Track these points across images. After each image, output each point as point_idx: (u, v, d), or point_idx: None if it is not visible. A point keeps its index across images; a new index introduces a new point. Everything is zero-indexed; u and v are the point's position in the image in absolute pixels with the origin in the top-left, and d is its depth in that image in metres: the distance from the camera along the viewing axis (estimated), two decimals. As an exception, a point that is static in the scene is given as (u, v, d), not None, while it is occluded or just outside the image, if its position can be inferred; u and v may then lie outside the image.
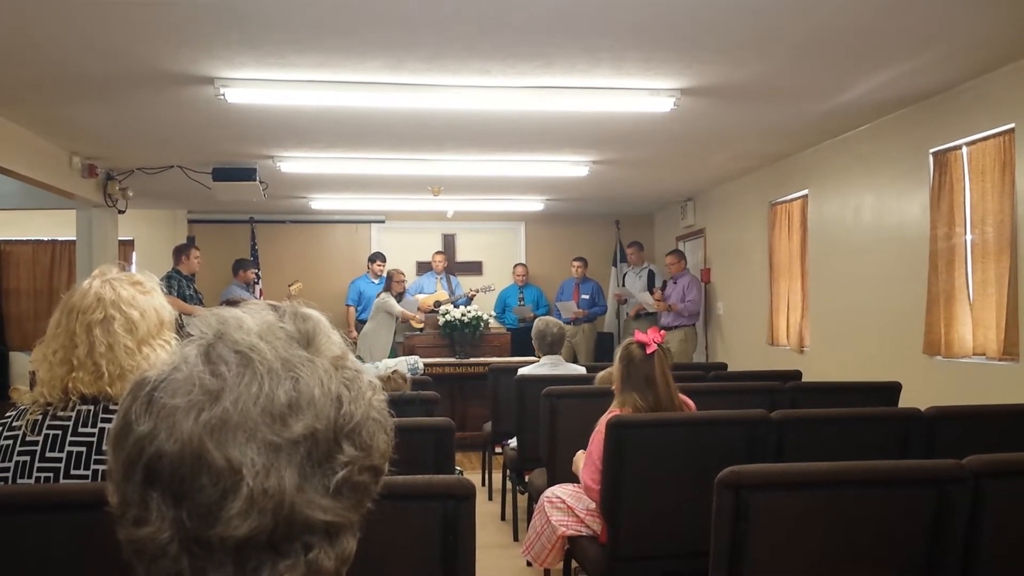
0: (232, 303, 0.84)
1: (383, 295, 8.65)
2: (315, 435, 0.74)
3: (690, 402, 3.41)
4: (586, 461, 3.27)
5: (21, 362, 9.47)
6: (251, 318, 0.79)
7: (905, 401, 4.20)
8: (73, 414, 1.83)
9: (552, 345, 5.35)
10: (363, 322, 9.35)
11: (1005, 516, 2.18)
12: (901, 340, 5.75)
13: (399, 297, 8.82)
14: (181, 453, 0.71)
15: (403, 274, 9.02)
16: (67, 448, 1.81)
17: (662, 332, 3.42)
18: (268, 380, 0.74)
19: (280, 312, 0.81)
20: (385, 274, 9.82)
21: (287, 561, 0.73)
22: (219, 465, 0.70)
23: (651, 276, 10.17)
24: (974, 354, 5.13)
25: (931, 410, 3.30)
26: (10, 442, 1.83)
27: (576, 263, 10.29)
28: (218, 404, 0.72)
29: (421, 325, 9.27)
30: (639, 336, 3.32)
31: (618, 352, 3.37)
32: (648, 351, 3.26)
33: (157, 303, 1.95)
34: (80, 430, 1.83)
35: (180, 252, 7.94)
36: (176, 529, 0.71)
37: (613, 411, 3.23)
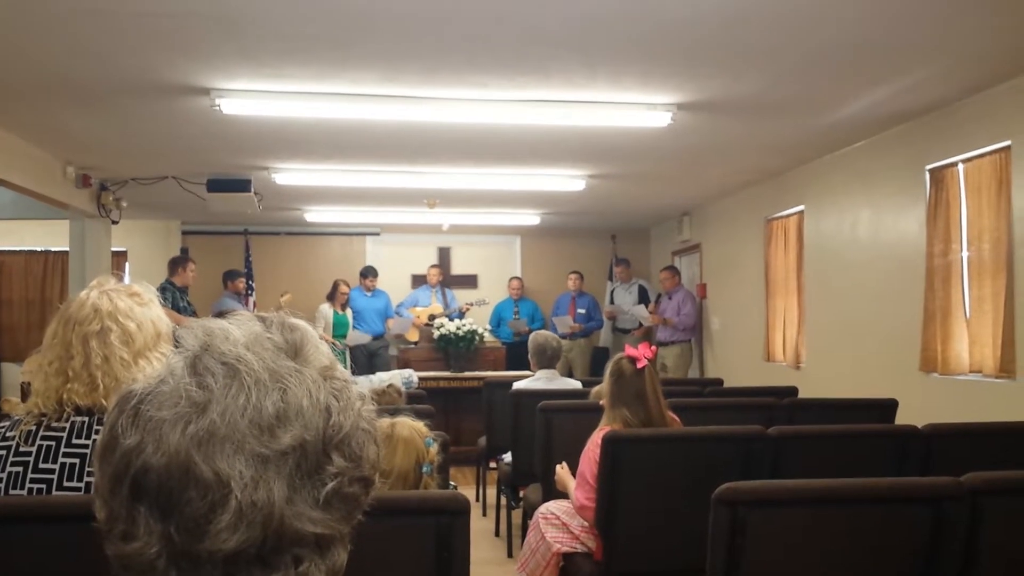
0: (221, 315, 0.83)
1: (322, 305, 9.29)
2: (304, 446, 0.73)
3: (676, 418, 3.38)
4: (578, 481, 3.23)
5: (12, 373, 9.41)
6: (238, 329, 0.78)
7: (902, 418, 4.19)
8: (67, 425, 1.81)
9: (551, 359, 5.32)
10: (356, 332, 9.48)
11: (1003, 534, 2.17)
12: (898, 357, 5.74)
13: (343, 307, 9.38)
14: (168, 466, 0.70)
15: (347, 284, 9.54)
16: (61, 460, 1.79)
17: (653, 347, 3.38)
18: (255, 391, 0.73)
19: (267, 323, 0.81)
20: (376, 287, 9.90)
21: (277, 574, 0.73)
22: (207, 478, 0.70)
23: (642, 291, 10.18)
24: (971, 371, 5.13)
25: (928, 427, 3.29)
26: (3, 452, 1.81)
27: (572, 276, 10.29)
28: (205, 416, 0.71)
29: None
30: (630, 351, 3.28)
31: (608, 367, 3.31)
32: (639, 366, 3.23)
33: (154, 315, 1.94)
34: (74, 441, 1.81)
35: (176, 264, 7.90)
36: (164, 544, 0.70)
37: (603, 428, 3.19)
